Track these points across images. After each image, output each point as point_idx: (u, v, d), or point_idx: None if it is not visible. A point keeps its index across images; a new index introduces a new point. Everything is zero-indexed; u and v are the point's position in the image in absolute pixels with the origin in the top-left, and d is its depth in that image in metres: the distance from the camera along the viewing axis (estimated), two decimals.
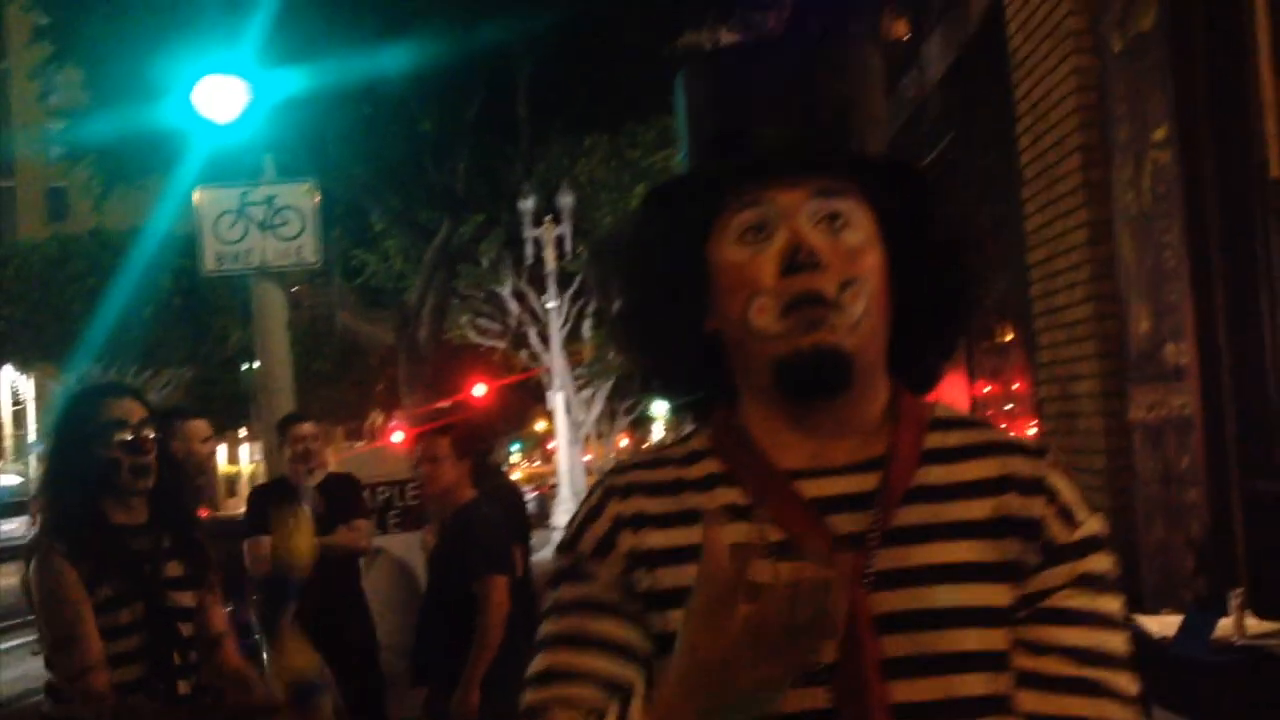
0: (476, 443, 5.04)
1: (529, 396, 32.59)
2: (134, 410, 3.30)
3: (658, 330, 1.31)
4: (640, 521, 1.29)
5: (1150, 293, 4.90)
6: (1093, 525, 1.25)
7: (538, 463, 49.08)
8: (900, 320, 1.26)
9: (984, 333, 7.34)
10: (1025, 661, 1.21)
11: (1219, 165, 4.51)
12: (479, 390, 28.40)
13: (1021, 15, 5.79)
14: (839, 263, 1.21)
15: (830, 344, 1.20)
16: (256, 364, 9.24)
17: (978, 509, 1.23)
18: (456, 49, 10.55)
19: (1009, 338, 7.15)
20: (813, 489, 1.24)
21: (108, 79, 11.74)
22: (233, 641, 3.50)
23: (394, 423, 25.46)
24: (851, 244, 1.22)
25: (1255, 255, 4.35)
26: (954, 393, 7.68)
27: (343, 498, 5.80)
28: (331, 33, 10.28)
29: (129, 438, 3.23)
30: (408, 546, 7.75)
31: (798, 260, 1.19)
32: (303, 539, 4.45)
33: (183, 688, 3.23)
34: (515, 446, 38.85)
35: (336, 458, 12.75)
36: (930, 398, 1.33)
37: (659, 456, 1.36)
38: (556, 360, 25.20)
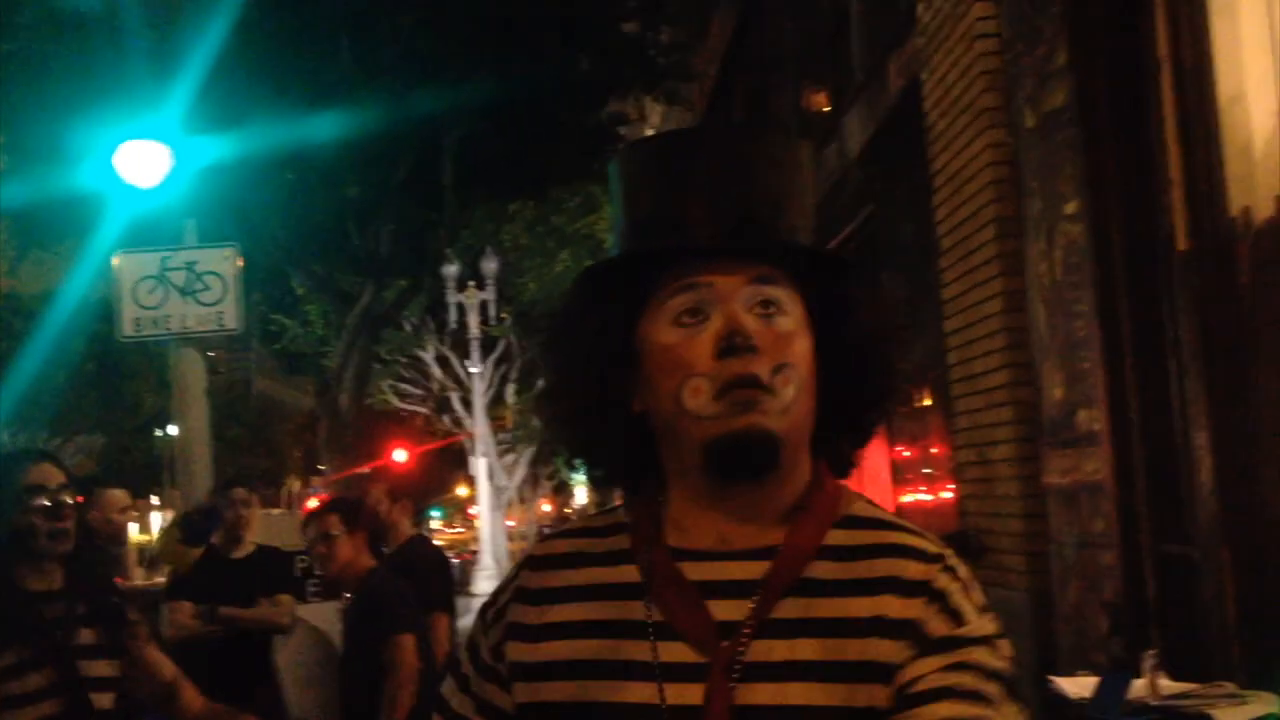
0: (365, 513, 5.06)
1: (451, 462, 32.36)
2: (52, 475, 3.25)
3: (585, 408, 1.32)
4: (536, 596, 1.32)
5: (1063, 361, 5.04)
6: (983, 626, 1.23)
7: (459, 529, 48.58)
8: (822, 406, 1.28)
9: (903, 399, 7.46)
10: None
11: (1128, 238, 4.67)
12: (400, 456, 28.12)
13: (938, 92, 5.96)
14: (772, 348, 1.23)
15: (762, 427, 1.22)
16: (172, 430, 9.09)
17: (855, 607, 1.23)
18: (383, 115, 10.59)
19: (927, 403, 7.28)
20: (706, 572, 1.26)
21: (28, 141, 11.60)
22: (190, 688, 3.44)
23: (312, 490, 25.14)
24: (784, 330, 1.25)
25: (1163, 325, 4.50)
26: (874, 458, 7.78)
27: (270, 571, 5.74)
28: (257, 98, 10.27)
29: (47, 503, 3.18)
30: (325, 616, 7.63)
31: (734, 344, 1.22)
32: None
33: None
34: (437, 512, 38.46)
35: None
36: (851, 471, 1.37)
37: (585, 526, 1.39)
38: (479, 425, 25.08)
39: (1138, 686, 3.19)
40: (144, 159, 7.48)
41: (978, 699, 1.18)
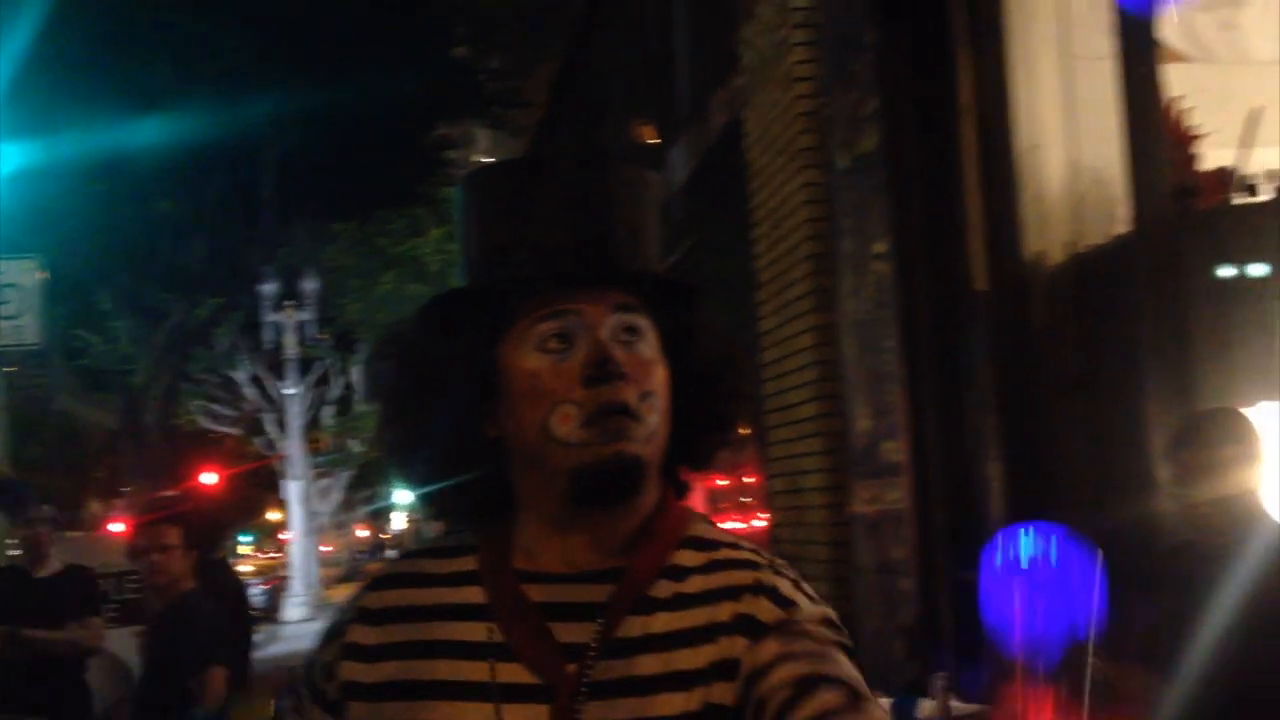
0: (206, 534, 4.91)
1: (262, 485, 31.44)
2: None
3: (438, 435, 1.31)
4: (377, 615, 1.33)
5: (870, 394, 5.22)
6: (816, 608, 1.28)
7: (271, 554, 47.21)
8: (671, 430, 1.31)
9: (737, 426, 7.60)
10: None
11: (931, 277, 4.88)
12: (209, 478, 27.20)
13: (758, 130, 6.13)
14: (637, 376, 1.25)
15: (631, 454, 1.24)
16: None
17: (692, 619, 1.27)
18: (200, 127, 10.30)
19: (744, 432, 7.43)
20: (552, 594, 1.28)
21: None
22: None
23: (113, 511, 24.09)
24: (646, 358, 1.27)
25: (960, 361, 4.72)
26: (697, 484, 7.89)
27: (77, 591, 5.51)
28: (67, 103, 9.87)
29: None
30: (122, 642, 7.36)
31: (605, 372, 1.23)
32: None
33: None
34: (247, 538, 37.28)
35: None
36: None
37: (431, 548, 1.39)
38: (294, 448, 24.48)
39: (927, 707, 3.32)
40: None
41: (817, 657, 1.22)
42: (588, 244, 1.28)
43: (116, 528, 16.14)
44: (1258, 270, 3.74)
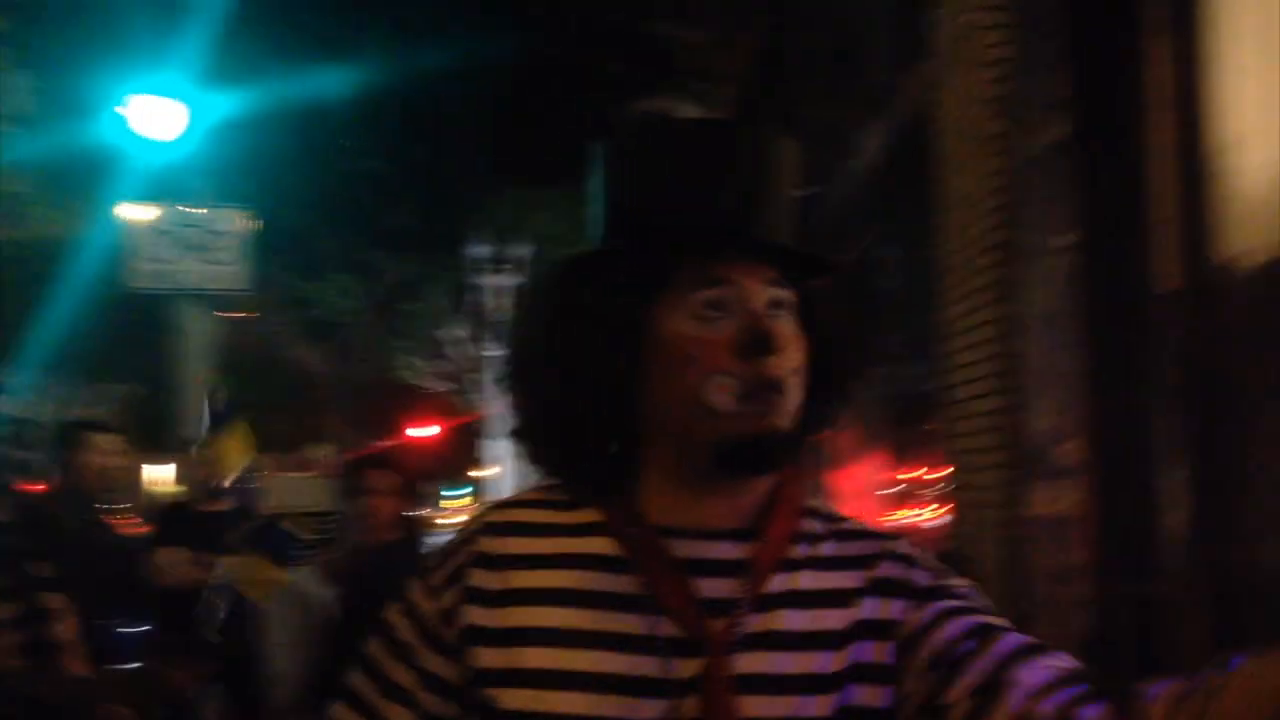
0: (415, 486, 5.01)
1: (473, 440, 32.46)
2: (15, 410, 3.34)
3: (569, 388, 1.30)
4: (498, 561, 1.32)
5: (1050, 391, 5.02)
6: (958, 578, 1.33)
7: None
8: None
9: (911, 419, 7.45)
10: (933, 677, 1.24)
11: (1119, 273, 4.66)
12: (420, 431, 28.23)
13: (947, 113, 5.95)
14: (788, 350, 1.27)
15: (780, 429, 1.26)
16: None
17: (835, 579, 1.30)
18: (410, 90, 10.62)
19: (930, 426, 7.27)
20: (689, 550, 1.29)
21: (56, 90, 11.70)
22: (76, 650, 3.51)
23: (328, 456, 25.22)
24: (792, 333, 1.29)
25: (1148, 361, 4.49)
26: (870, 475, 7.77)
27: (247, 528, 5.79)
28: (279, 59, 10.31)
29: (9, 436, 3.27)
30: (308, 581, 7.68)
31: (764, 346, 1.24)
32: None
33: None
34: (457, 490, 38.45)
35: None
36: (848, 479, 1.43)
37: (543, 498, 1.38)
38: (496, 407, 25.18)
39: None
40: (162, 113, 7.56)
41: (984, 610, 1.28)
42: (753, 215, 1.27)
43: (325, 469, 16.93)
44: None
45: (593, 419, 1.31)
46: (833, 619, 1.28)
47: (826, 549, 1.32)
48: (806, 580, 1.29)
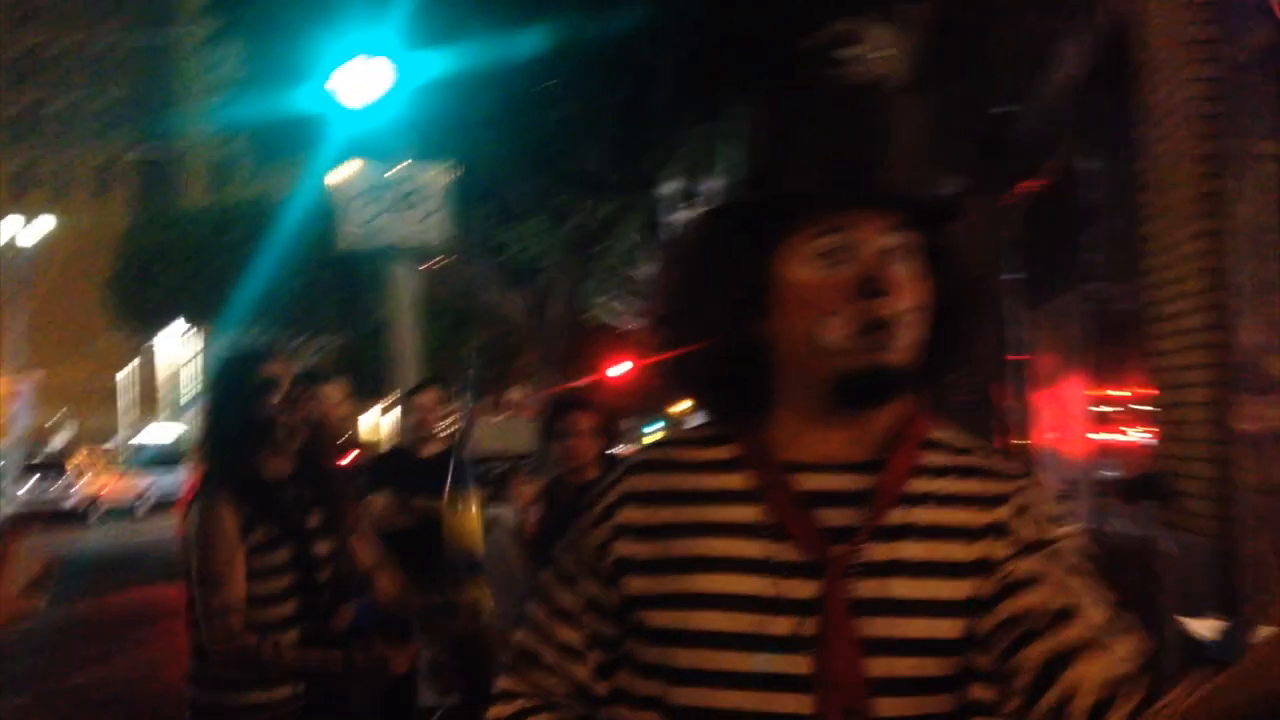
0: (614, 424, 5.14)
1: (665, 378, 32.64)
2: (286, 372, 3.58)
3: (707, 330, 1.44)
4: (644, 498, 1.48)
5: (1259, 305, 4.87)
6: (1066, 532, 1.40)
7: None
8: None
9: (1108, 338, 7.29)
10: (1011, 631, 1.35)
11: None
12: (615, 370, 28.60)
13: (1149, 22, 5.75)
14: (902, 292, 1.37)
15: (892, 364, 1.37)
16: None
17: (955, 516, 1.39)
18: (602, 32, 10.70)
19: (1131, 344, 7.09)
20: (814, 482, 1.41)
21: (266, 55, 12.20)
22: (387, 574, 3.77)
23: (529, 398, 25.87)
24: (911, 275, 1.39)
25: None
26: (1070, 396, 7.63)
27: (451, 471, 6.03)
28: (477, 17, 10.53)
29: (283, 398, 3.51)
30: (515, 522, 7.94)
31: (874, 288, 1.35)
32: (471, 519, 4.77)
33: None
34: (657, 424, 38.96)
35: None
36: (1051, 400, 1.51)
37: (689, 436, 1.54)
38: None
39: (1263, 632, 3.15)
40: (365, 75, 7.84)
41: (1073, 591, 1.35)
42: (865, 167, 1.38)
43: (530, 411, 17.37)
44: None
45: (728, 361, 1.44)
46: (955, 551, 1.37)
47: (947, 485, 1.40)
48: (925, 514, 1.38)
